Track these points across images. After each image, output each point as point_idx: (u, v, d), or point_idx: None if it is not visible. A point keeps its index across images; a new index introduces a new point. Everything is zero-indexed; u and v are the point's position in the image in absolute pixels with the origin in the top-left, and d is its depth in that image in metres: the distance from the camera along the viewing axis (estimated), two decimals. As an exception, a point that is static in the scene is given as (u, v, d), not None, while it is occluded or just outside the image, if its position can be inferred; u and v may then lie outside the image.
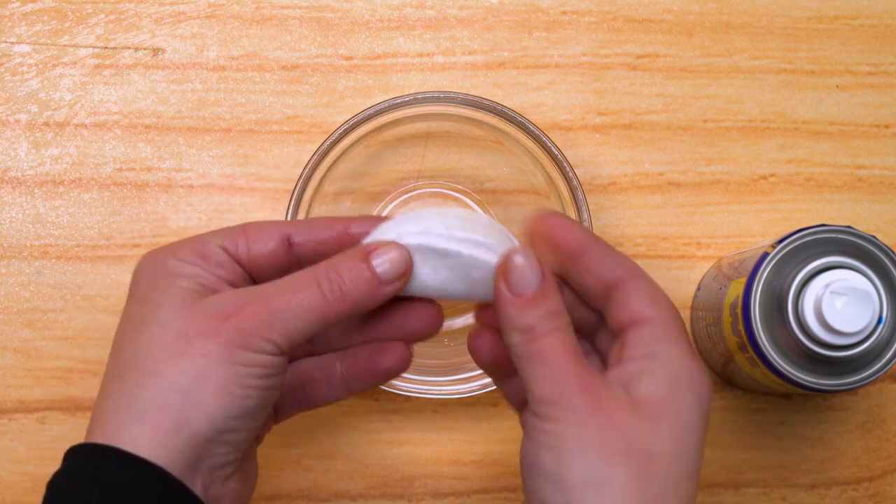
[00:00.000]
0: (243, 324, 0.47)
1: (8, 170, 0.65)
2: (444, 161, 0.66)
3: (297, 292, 0.48)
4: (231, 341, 0.46)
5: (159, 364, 0.47)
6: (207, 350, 0.46)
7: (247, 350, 0.47)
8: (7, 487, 0.64)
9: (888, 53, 0.68)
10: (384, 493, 0.64)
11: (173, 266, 0.49)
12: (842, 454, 0.66)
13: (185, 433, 0.46)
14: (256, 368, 0.47)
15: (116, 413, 0.47)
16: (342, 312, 0.48)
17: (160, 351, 0.47)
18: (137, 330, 0.48)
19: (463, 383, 0.61)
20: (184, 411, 0.46)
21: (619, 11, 0.67)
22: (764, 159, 0.67)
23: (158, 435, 0.46)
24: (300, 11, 0.67)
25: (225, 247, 0.50)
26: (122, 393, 0.47)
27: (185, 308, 0.48)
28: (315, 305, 0.48)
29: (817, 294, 0.53)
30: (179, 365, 0.46)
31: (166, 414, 0.46)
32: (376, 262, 0.48)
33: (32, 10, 0.66)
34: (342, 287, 0.48)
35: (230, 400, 0.46)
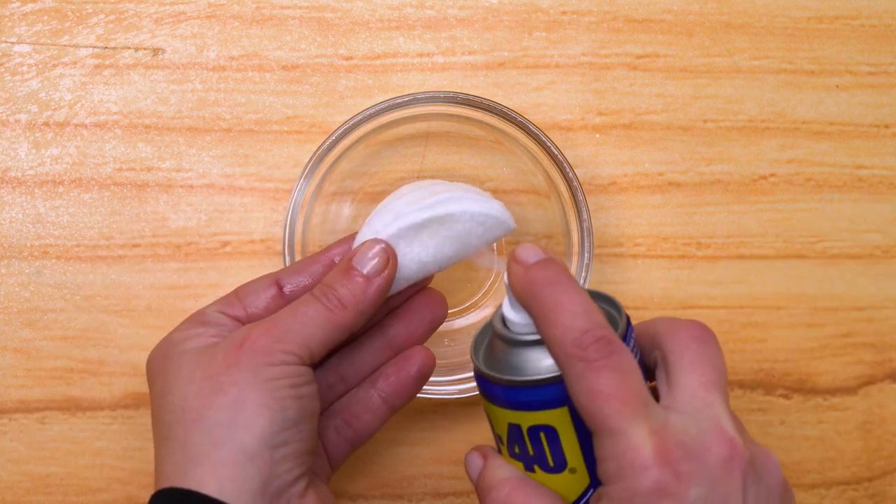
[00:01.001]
0: (257, 344, 0.49)
1: (8, 170, 0.65)
2: (444, 161, 0.66)
3: (300, 308, 0.50)
4: (253, 363, 0.48)
5: (198, 410, 0.48)
6: (235, 379, 0.48)
7: (269, 365, 0.48)
8: (7, 487, 0.64)
9: (888, 53, 0.68)
10: (384, 493, 0.64)
11: (178, 339, 0.51)
12: (842, 454, 0.66)
13: (242, 459, 0.47)
14: (284, 379, 0.48)
15: (176, 467, 0.48)
16: (348, 319, 0.50)
17: (193, 400, 0.49)
18: (165, 397, 0.50)
19: (463, 383, 0.62)
20: (234, 440, 0.47)
21: (619, 11, 0.67)
22: (764, 159, 0.67)
23: (219, 471, 0.47)
24: (300, 11, 0.67)
25: (223, 312, 0.52)
26: (175, 449, 0.48)
27: (202, 357, 0.50)
28: (320, 316, 0.50)
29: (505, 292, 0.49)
30: (215, 403, 0.48)
31: (219, 449, 0.47)
32: (358, 263, 0.51)
33: (32, 10, 0.66)
34: (337, 295, 0.50)
35: (271, 415, 0.48)
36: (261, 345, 0.49)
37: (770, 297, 0.66)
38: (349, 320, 0.50)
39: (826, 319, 0.66)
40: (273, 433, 0.48)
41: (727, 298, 0.66)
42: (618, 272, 0.66)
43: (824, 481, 0.65)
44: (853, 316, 0.66)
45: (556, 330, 0.45)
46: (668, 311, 0.66)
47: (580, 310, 0.45)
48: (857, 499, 0.65)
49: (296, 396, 0.49)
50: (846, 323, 0.66)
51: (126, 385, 0.64)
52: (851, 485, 0.65)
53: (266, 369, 0.48)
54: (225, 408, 0.48)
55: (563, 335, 0.45)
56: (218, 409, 0.48)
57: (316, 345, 0.50)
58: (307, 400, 0.49)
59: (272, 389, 0.48)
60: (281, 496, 0.48)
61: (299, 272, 0.54)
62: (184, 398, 0.49)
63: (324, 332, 0.50)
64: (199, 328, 0.51)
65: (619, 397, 0.43)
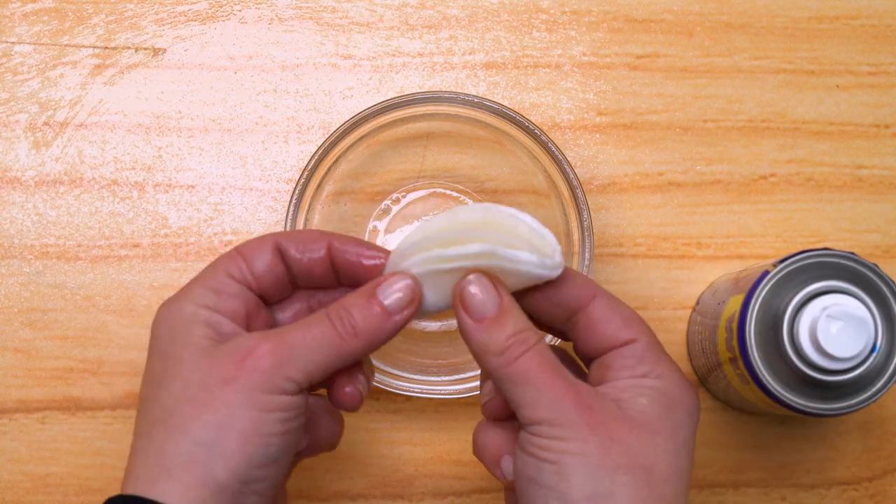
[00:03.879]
0: (260, 363, 0.47)
1: (8, 170, 0.65)
2: (444, 161, 0.66)
3: (311, 329, 0.48)
4: (250, 385, 0.47)
5: (185, 419, 0.47)
6: (228, 399, 0.47)
7: (266, 392, 0.47)
8: (8, 487, 0.64)
9: (888, 53, 0.68)
10: (384, 493, 0.64)
11: (190, 314, 0.50)
12: (842, 454, 0.66)
13: (212, 487, 0.46)
14: (276, 413, 0.47)
15: (148, 470, 0.47)
16: (357, 349, 0.49)
17: (184, 405, 0.48)
18: (161, 387, 0.49)
19: (463, 383, 0.61)
20: (209, 465, 0.46)
21: (619, 11, 0.67)
22: (764, 159, 0.67)
23: (189, 491, 0.46)
24: (300, 11, 0.67)
25: (231, 274, 0.51)
26: (151, 450, 0.48)
27: (204, 358, 0.48)
28: (329, 340, 0.48)
29: (814, 317, 0.53)
30: (202, 418, 0.47)
31: (194, 469, 0.46)
32: (382, 295, 0.49)
33: (33, 10, 0.66)
34: (352, 323, 0.48)
35: (252, 450, 0.47)
36: (262, 365, 0.47)
37: (770, 297, 0.66)
38: (357, 350, 0.49)
39: (826, 319, 0.66)
40: (248, 469, 0.47)
41: (727, 298, 0.66)
42: (618, 272, 0.66)
43: (824, 481, 0.65)
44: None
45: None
46: (667, 310, 0.66)
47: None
48: (857, 499, 0.65)
49: (282, 432, 0.47)
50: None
51: (126, 385, 0.64)
52: (851, 485, 0.65)
53: (260, 397, 0.47)
54: (210, 427, 0.47)
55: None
56: (202, 425, 0.47)
57: (318, 372, 0.48)
58: (293, 435, 0.48)
59: (260, 420, 0.47)
60: None
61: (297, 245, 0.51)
62: (176, 400, 0.48)
63: (329, 359, 0.48)
64: (212, 298, 0.50)
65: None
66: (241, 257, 0.51)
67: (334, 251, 0.51)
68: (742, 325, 0.54)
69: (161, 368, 0.49)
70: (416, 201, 0.66)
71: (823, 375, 0.53)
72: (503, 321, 0.48)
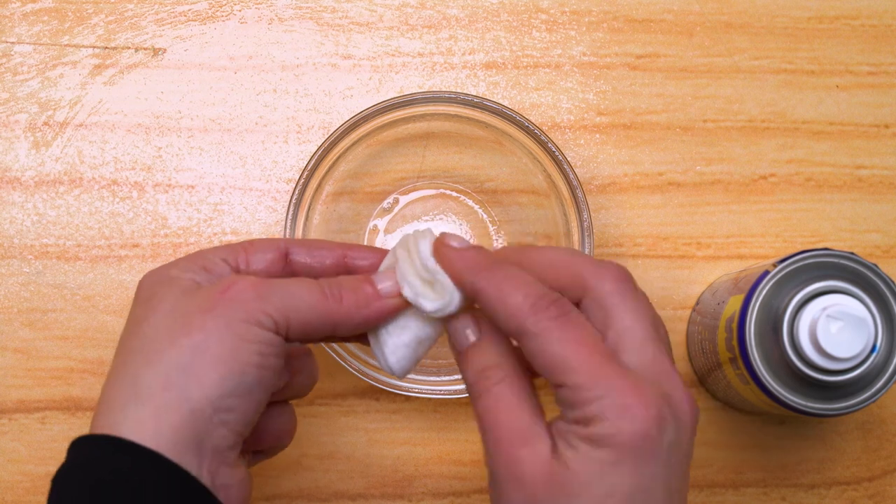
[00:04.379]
0: (241, 294, 0.47)
1: (8, 170, 0.65)
2: (444, 161, 0.66)
3: (297, 282, 0.49)
4: (229, 314, 0.47)
5: (162, 345, 0.47)
6: (205, 325, 0.47)
7: (244, 322, 0.47)
8: (7, 487, 0.64)
9: (888, 53, 0.68)
10: (384, 493, 0.64)
11: (175, 274, 0.50)
12: (842, 454, 0.66)
13: (185, 408, 0.46)
14: (253, 344, 0.47)
15: (120, 397, 0.47)
16: (338, 314, 0.49)
17: (162, 334, 0.48)
18: (141, 323, 0.49)
19: (463, 383, 0.61)
20: (183, 386, 0.46)
21: (619, 11, 0.67)
22: (764, 159, 0.67)
23: (161, 413, 0.46)
24: (300, 11, 0.67)
25: (226, 260, 0.51)
26: (126, 377, 0.47)
27: (185, 295, 0.48)
28: (313, 297, 0.48)
29: (813, 317, 0.53)
30: (179, 342, 0.47)
31: (168, 392, 0.46)
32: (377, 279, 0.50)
33: (33, 10, 0.66)
34: (340, 291, 0.49)
35: (227, 373, 0.46)
36: (243, 297, 0.47)
37: (770, 297, 0.66)
38: (339, 316, 0.49)
39: (826, 319, 0.66)
40: (221, 395, 0.46)
41: (727, 298, 0.66)
42: (618, 272, 0.66)
43: (824, 481, 0.65)
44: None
45: (512, 299, 0.46)
46: (667, 310, 0.66)
47: (530, 279, 0.46)
48: (857, 499, 0.65)
49: (258, 364, 0.47)
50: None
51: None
52: (851, 485, 0.65)
53: (239, 325, 0.47)
54: (186, 350, 0.46)
55: (522, 302, 0.46)
56: (179, 349, 0.47)
57: (297, 321, 0.48)
58: (269, 371, 0.48)
59: (237, 348, 0.47)
60: (214, 457, 0.47)
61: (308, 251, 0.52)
62: (155, 329, 0.48)
63: (310, 313, 0.48)
64: (199, 272, 0.50)
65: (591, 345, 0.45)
66: (242, 249, 0.51)
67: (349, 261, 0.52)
68: (742, 325, 0.54)
69: (142, 312, 0.49)
70: (416, 201, 0.66)
71: (823, 375, 0.53)
72: (470, 356, 0.48)
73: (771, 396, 0.54)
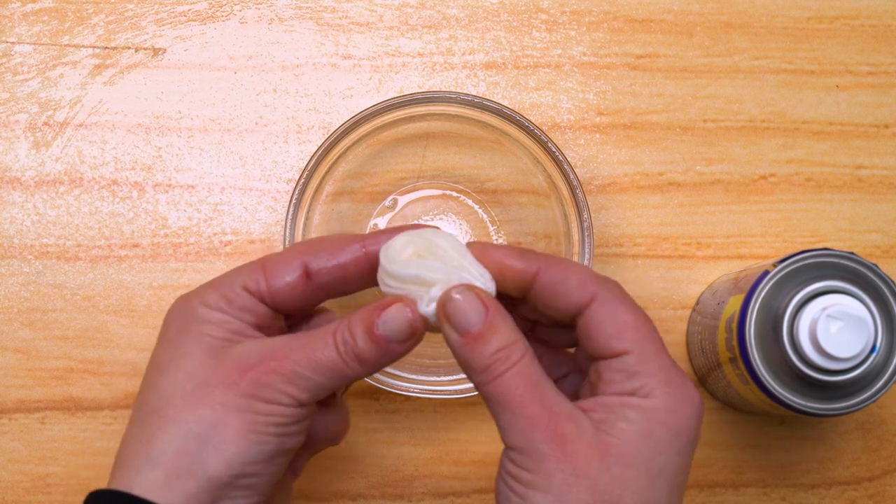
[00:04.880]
0: (263, 378, 0.47)
1: (8, 170, 0.65)
2: (444, 161, 0.66)
3: (317, 351, 0.48)
4: (250, 393, 0.47)
5: (179, 411, 0.47)
6: (226, 399, 0.47)
7: (264, 402, 0.47)
8: (8, 487, 0.64)
9: (888, 53, 0.68)
10: (384, 493, 0.64)
11: (202, 313, 0.50)
12: (842, 454, 0.66)
13: (201, 477, 0.46)
14: (273, 417, 0.47)
15: (135, 458, 0.48)
16: (357, 373, 0.48)
17: (181, 398, 0.48)
18: (163, 374, 0.49)
19: (463, 383, 0.61)
20: (199, 456, 0.47)
21: (619, 11, 0.67)
22: (764, 159, 0.67)
23: (171, 479, 0.46)
24: (300, 11, 0.67)
25: (247, 287, 0.50)
26: (142, 438, 0.48)
27: (210, 358, 0.48)
28: (332, 363, 0.48)
29: (813, 317, 0.53)
30: (198, 412, 0.47)
31: (182, 459, 0.47)
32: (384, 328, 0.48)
33: (33, 10, 0.66)
34: (356, 350, 0.48)
35: (247, 445, 0.47)
36: (265, 381, 0.47)
37: (770, 297, 0.66)
38: (358, 374, 0.49)
39: (826, 319, 0.66)
40: (241, 463, 0.47)
41: (727, 298, 0.66)
42: (618, 272, 0.66)
43: (824, 481, 0.65)
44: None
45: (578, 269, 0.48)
46: (667, 310, 0.66)
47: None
48: (857, 499, 0.65)
49: (278, 434, 0.47)
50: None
51: (126, 385, 0.64)
52: (851, 485, 0.65)
53: (259, 404, 0.47)
54: (205, 420, 0.47)
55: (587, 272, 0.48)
56: (198, 419, 0.47)
57: (319, 391, 0.48)
58: (290, 438, 0.48)
59: (257, 423, 0.47)
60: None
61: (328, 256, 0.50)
62: (173, 392, 0.48)
63: (330, 381, 0.48)
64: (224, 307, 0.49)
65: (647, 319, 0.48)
66: (262, 271, 0.50)
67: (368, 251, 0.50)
68: (742, 324, 0.54)
69: (167, 357, 0.49)
70: (415, 201, 0.66)
71: (823, 375, 0.53)
72: (487, 337, 0.46)
73: (771, 396, 0.54)
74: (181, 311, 0.51)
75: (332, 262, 0.50)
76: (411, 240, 0.49)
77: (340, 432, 0.54)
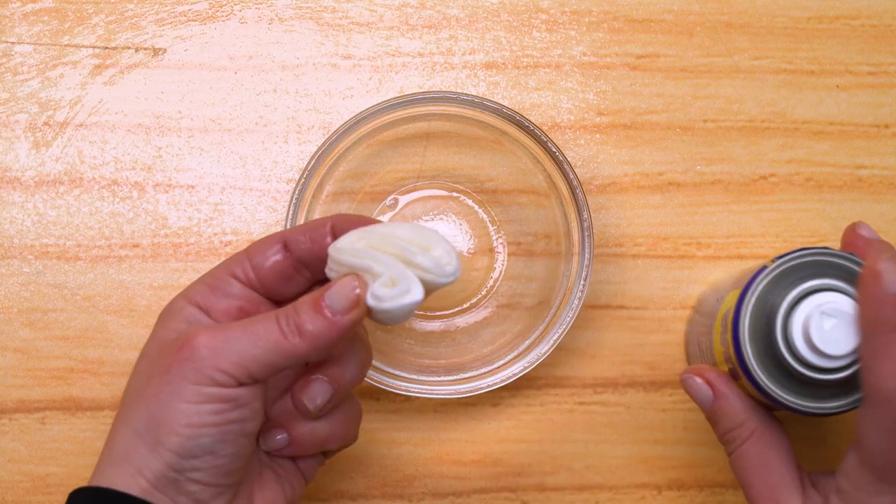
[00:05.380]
0: (194, 354, 0.47)
1: (8, 170, 0.65)
2: (444, 161, 0.66)
3: (255, 325, 0.48)
4: (181, 376, 0.47)
5: (129, 410, 0.49)
6: (160, 391, 0.48)
7: (195, 383, 0.47)
8: (7, 487, 0.64)
9: (888, 53, 0.68)
10: (384, 493, 0.64)
11: (177, 308, 0.51)
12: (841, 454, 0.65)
13: (147, 475, 0.47)
14: (207, 405, 0.47)
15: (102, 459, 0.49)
16: (300, 349, 0.48)
17: (131, 396, 0.49)
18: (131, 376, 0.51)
19: (463, 383, 0.61)
20: (142, 454, 0.47)
21: (619, 11, 0.67)
22: (764, 159, 0.67)
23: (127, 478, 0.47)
24: (300, 11, 0.67)
25: (233, 273, 0.51)
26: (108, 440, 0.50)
27: (156, 350, 0.50)
28: (271, 339, 0.48)
29: (807, 313, 0.52)
30: (139, 408, 0.48)
31: (131, 458, 0.48)
32: (329, 299, 0.48)
33: (33, 10, 0.66)
34: (298, 322, 0.48)
35: (179, 441, 0.47)
36: (197, 355, 0.47)
37: (770, 297, 0.66)
38: (301, 350, 0.48)
39: (826, 319, 0.66)
40: (178, 459, 0.47)
41: (727, 298, 0.66)
42: (618, 272, 0.66)
43: (824, 481, 0.65)
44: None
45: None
46: (667, 310, 0.66)
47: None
48: (858, 499, 0.65)
49: (217, 423, 0.47)
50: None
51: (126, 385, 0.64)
52: (851, 485, 0.65)
53: (189, 387, 0.47)
54: (143, 417, 0.48)
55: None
56: (138, 416, 0.48)
57: (257, 367, 0.47)
58: (233, 425, 0.48)
59: (189, 413, 0.47)
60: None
61: (303, 233, 0.52)
62: (128, 393, 0.50)
63: (269, 356, 0.47)
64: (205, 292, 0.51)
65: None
66: (246, 255, 0.52)
67: (337, 230, 0.51)
68: (737, 319, 0.54)
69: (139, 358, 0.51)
70: (416, 201, 0.66)
71: (816, 373, 0.53)
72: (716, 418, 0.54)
73: (763, 393, 0.54)
74: (164, 310, 0.52)
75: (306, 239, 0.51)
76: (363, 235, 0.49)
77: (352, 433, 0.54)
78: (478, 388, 0.61)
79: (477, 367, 0.62)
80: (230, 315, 0.51)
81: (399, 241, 0.49)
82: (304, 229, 0.52)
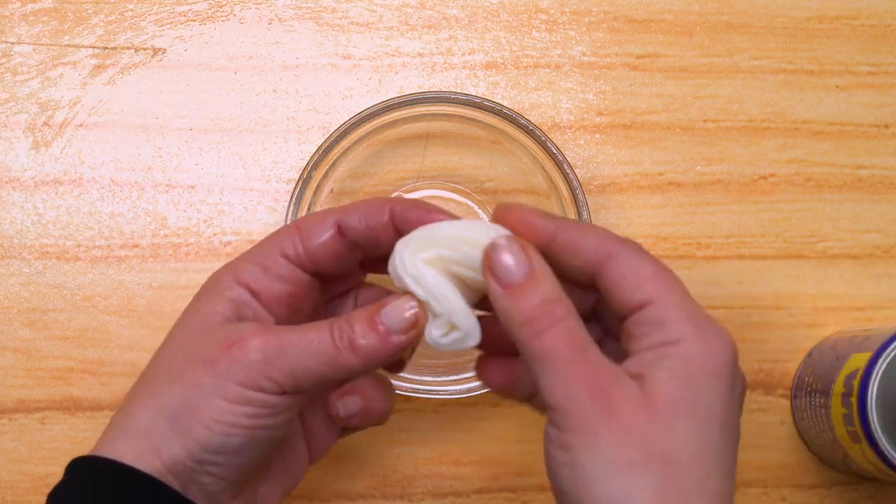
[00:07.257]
0: (246, 355, 0.46)
1: (8, 170, 0.65)
2: (444, 161, 0.66)
3: (309, 333, 0.47)
4: (227, 374, 0.46)
5: (161, 385, 0.48)
6: (202, 379, 0.47)
7: (241, 385, 0.46)
8: (7, 487, 0.64)
9: (888, 53, 0.68)
10: (384, 493, 0.64)
11: (224, 285, 0.49)
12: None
13: (166, 458, 0.47)
14: (246, 407, 0.46)
15: (116, 428, 0.48)
16: (352, 364, 0.47)
17: (165, 372, 0.48)
18: (163, 346, 0.49)
19: (463, 383, 0.61)
20: (166, 436, 0.47)
21: (619, 11, 0.67)
22: (764, 159, 0.67)
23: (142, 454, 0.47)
24: (300, 11, 0.67)
25: (285, 252, 0.50)
26: (126, 409, 0.48)
27: (202, 332, 0.48)
28: (325, 349, 0.47)
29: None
30: (174, 390, 0.47)
31: (153, 436, 0.47)
32: (386, 317, 0.47)
33: (32, 10, 0.66)
34: (352, 337, 0.47)
35: (208, 436, 0.46)
36: (249, 358, 0.46)
37: (770, 297, 0.66)
38: (353, 366, 0.47)
39: (826, 319, 0.66)
40: (203, 452, 0.46)
41: (727, 298, 0.66)
42: (618, 272, 0.66)
43: (824, 481, 0.65)
44: (853, 316, 0.66)
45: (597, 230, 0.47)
46: (668, 311, 0.65)
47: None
48: (858, 499, 0.65)
49: (250, 426, 0.46)
50: (846, 323, 0.66)
51: (126, 385, 0.64)
52: (852, 485, 0.65)
53: (234, 388, 0.46)
54: (177, 400, 0.47)
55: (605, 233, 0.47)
56: (172, 397, 0.47)
57: (306, 379, 0.47)
58: (264, 430, 0.47)
59: (226, 411, 0.46)
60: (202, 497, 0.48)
61: (360, 219, 0.50)
62: (162, 366, 0.48)
63: (321, 368, 0.47)
64: (257, 273, 0.49)
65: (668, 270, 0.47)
66: (297, 232, 0.50)
67: (395, 216, 0.49)
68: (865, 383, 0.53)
69: (174, 329, 0.50)
70: (416, 201, 0.66)
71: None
72: (530, 289, 0.45)
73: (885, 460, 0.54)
74: (210, 282, 0.50)
75: (360, 222, 0.50)
76: (429, 241, 0.47)
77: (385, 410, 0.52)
78: (478, 388, 0.61)
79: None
80: (280, 303, 0.49)
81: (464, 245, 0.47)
82: (360, 214, 0.50)
